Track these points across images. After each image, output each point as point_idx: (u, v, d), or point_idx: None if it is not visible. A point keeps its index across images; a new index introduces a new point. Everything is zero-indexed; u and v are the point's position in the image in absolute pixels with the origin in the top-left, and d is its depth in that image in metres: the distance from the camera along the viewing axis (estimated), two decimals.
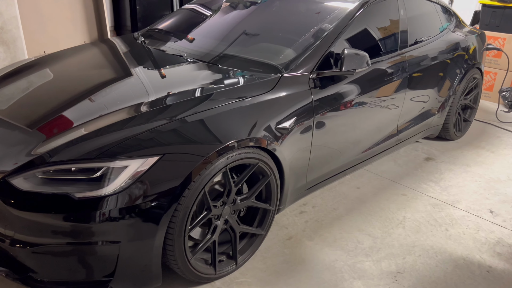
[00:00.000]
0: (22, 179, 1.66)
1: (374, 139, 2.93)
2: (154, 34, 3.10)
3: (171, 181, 1.72)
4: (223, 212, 2.01)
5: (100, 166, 1.65)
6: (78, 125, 1.85)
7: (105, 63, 2.77)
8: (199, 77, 2.36)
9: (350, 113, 2.60)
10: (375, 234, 2.50)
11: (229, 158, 1.89)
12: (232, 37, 2.82)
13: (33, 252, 1.70)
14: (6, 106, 2.18)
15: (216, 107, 1.97)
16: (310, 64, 2.38)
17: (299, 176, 2.36)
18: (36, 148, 1.76)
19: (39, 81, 2.43)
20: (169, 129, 1.82)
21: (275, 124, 2.11)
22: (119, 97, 2.10)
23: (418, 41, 3.25)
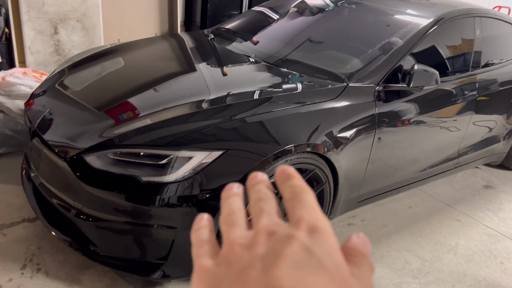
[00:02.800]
0: (95, 157, 1.78)
1: (432, 159, 2.85)
2: (222, 33, 3.19)
3: (231, 176, 1.78)
4: None
5: (167, 154, 1.74)
6: (145, 114, 1.95)
7: (173, 56, 2.89)
8: (260, 79, 2.40)
9: (411, 130, 2.54)
10: (424, 257, 2.43)
11: (287, 161, 1.92)
12: (298, 42, 2.85)
13: (96, 227, 1.81)
14: (80, 88, 2.35)
15: (277, 110, 2.00)
16: (377, 76, 2.35)
17: (353, 187, 2.34)
18: (107, 131, 1.87)
19: (111, 68, 2.58)
20: (231, 127, 1.88)
21: (336, 132, 2.11)
22: (182, 91, 2.19)
23: (491, 63, 3.12)
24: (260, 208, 0.35)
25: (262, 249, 0.31)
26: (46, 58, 3.65)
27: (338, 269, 0.30)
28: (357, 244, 0.34)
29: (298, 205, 0.34)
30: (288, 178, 0.37)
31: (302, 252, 0.30)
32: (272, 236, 0.32)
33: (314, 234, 0.32)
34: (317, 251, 0.31)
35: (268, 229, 0.33)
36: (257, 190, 0.37)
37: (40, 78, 3.14)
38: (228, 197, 0.37)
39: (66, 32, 3.68)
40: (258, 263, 0.30)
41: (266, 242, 0.32)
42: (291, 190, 0.36)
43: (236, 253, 0.32)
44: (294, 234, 0.31)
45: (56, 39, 3.65)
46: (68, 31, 3.68)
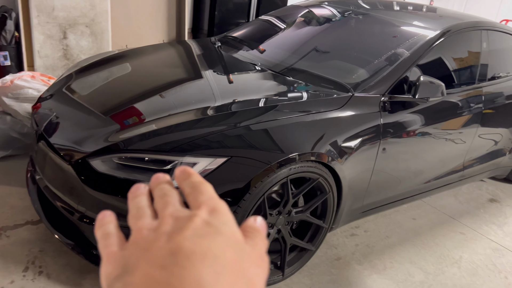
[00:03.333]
0: (100, 161, 1.79)
1: (437, 171, 2.83)
2: (229, 41, 3.21)
3: (235, 184, 1.78)
4: (277, 221, 2.03)
5: (172, 159, 1.74)
6: (150, 120, 1.96)
7: (179, 63, 2.91)
8: (265, 87, 2.41)
9: (416, 142, 2.53)
10: (427, 269, 2.41)
11: (291, 169, 1.91)
12: (304, 51, 2.86)
13: None
14: (87, 93, 2.37)
15: (282, 119, 2.00)
16: (383, 87, 2.36)
17: (357, 197, 2.34)
18: (113, 135, 1.88)
19: (118, 73, 2.60)
20: (235, 134, 1.89)
21: (341, 142, 2.11)
22: (188, 97, 2.20)
23: (497, 76, 3.12)
24: (164, 201, 0.38)
25: (167, 228, 0.34)
26: (55, 62, 3.68)
27: (234, 234, 0.35)
28: (252, 222, 0.39)
29: (198, 195, 0.38)
30: (187, 176, 0.40)
31: (203, 225, 0.34)
32: (177, 219, 0.35)
33: (213, 213, 0.36)
34: (215, 222, 0.35)
35: (173, 214, 0.36)
36: (160, 188, 0.40)
37: (48, 82, 3.17)
38: (135, 196, 0.40)
39: (75, 37, 3.72)
40: (163, 237, 0.34)
41: (172, 223, 0.35)
42: (191, 185, 0.39)
43: (143, 235, 0.35)
44: (196, 213, 0.35)
45: (64, 44, 3.69)
46: (77, 36, 3.72)
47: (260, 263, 0.36)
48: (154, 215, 0.38)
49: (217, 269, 0.32)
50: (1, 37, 3.17)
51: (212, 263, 0.32)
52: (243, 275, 0.33)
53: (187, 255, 0.32)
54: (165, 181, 0.41)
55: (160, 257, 0.32)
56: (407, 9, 3.32)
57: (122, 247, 0.36)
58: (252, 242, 0.37)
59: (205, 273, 0.31)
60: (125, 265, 0.33)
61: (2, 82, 3.03)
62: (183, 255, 0.32)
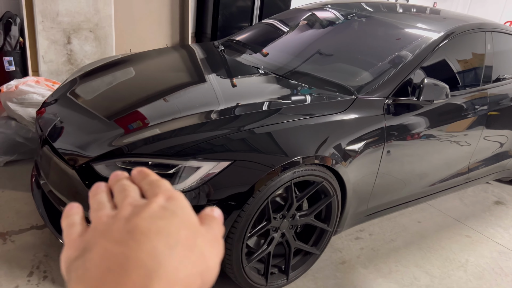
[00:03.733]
0: (104, 165, 1.79)
1: (442, 174, 2.81)
2: (232, 45, 3.22)
3: (238, 187, 1.77)
4: (282, 225, 2.02)
5: (175, 163, 1.74)
6: (154, 124, 1.96)
7: (183, 67, 2.92)
8: (269, 90, 2.41)
9: (420, 145, 2.52)
10: (433, 273, 2.39)
11: (295, 172, 1.91)
12: (307, 54, 2.86)
13: None
14: (91, 97, 2.37)
15: (285, 122, 2.00)
16: (387, 89, 2.35)
17: (361, 201, 2.32)
18: (116, 140, 1.89)
19: (122, 78, 2.61)
20: (239, 137, 1.88)
21: (345, 145, 2.10)
22: (192, 101, 2.21)
23: (502, 78, 3.10)
24: (124, 195, 0.39)
25: (126, 213, 0.36)
26: (59, 67, 3.70)
27: (189, 218, 0.37)
28: (209, 211, 0.41)
29: (155, 188, 0.40)
30: (145, 176, 0.42)
31: (159, 209, 0.37)
32: (135, 206, 0.37)
33: (170, 200, 0.38)
34: (172, 207, 0.37)
35: (131, 203, 0.38)
36: (119, 184, 0.41)
37: (52, 87, 3.19)
38: (95, 194, 0.41)
39: (79, 42, 3.74)
40: (122, 220, 0.36)
41: (130, 210, 0.37)
42: (148, 183, 0.41)
43: (102, 220, 0.37)
44: (153, 200, 0.38)
45: (69, 49, 3.71)
46: (81, 41, 3.74)
47: (215, 244, 0.38)
48: (114, 207, 0.39)
49: (170, 242, 0.34)
50: (6, 43, 3.19)
51: (166, 237, 0.34)
52: (196, 249, 0.36)
53: (142, 231, 0.34)
54: (124, 177, 0.42)
55: (117, 235, 0.34)
56: (411, 11, 3.31)
57: (82, 234, 0.37)
58: (208, 226, 0.39)
59: (159, 245, 0.34)
60: (84, 247, 0.35)
61: (7, 88, 3.05)
62: (139, 231, 0.34)
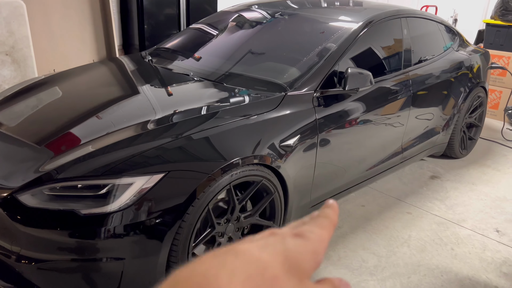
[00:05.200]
0: (29, 195, 1.69)
1: (378, 156, 2.94)
2: (161, 53, 3.16)
3: (176, 198, 1.74)
4: (227, 229, 2.02)
5: (106, 183, 1.68)
6: (86, 142, 1.88)
7: (113, 81, 2.83)
8: (205, 95, 2.40)
9: (355, 131, 2.61)
10: (380, 253, 2.49)
11: (233, 175, 1.91)
12: (238, 56, 2.87)
13: (39, 268, 1.71)
14: (16, 123, 2.23)
15: (222, 125, 2.00)
16: (314, 83, 2.41)
17: (304, 193, 2.37)
18: (44, 164, 1.79)
19: (48, 99, 2.48)
20: (174, 146, 1.85)
21: (279, 141, 2.13)
22: (126, 114, 2.14)
23: (422, 60, 3.28)
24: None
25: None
26: None
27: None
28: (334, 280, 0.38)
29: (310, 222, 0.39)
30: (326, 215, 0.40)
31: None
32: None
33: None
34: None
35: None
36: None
37: None
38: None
39: None
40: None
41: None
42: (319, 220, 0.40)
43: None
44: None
45: None
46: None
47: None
48: None
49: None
50: None
51: None
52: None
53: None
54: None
55: None
56: (334, 5, 3.42)
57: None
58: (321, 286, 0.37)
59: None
60: None
61: None
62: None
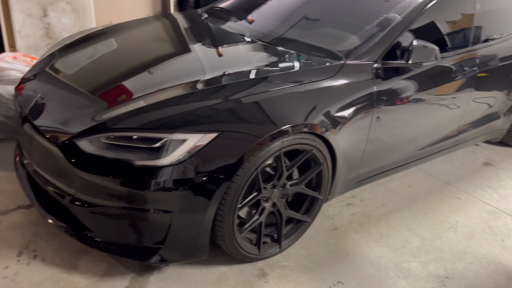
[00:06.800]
0: (87, 141, 1.74)
1: (432, 137, 2.81)
2: (216, 12, 3.11)
3: (227, 159, 1.74)
4: (272, 195, 2.01)
5: (161, 137, 1.69)
6: (138, 96, 1.90)
7: (166, 37, 2.82)
8: (256, 58, 2.34)
9: (410, 109, 2.49)
10: (424, 235, 2.42)
11: (284, 142, 1.87)
12: (294, 20, 2.78)
13: (91, 212, 1.78)
14: (72, 72, 2.29)
15: (273, 90, 1.95)
16: (375, 53, 2.29)
17: (352, 167, 2.31)
18: (99, 114, 1.83)
19: (103, 50, 2.51)
20: (226, 108, 1.83)
21: (334, 111, 2.06)
22: (177, 72, 2.14)
23: (491, 38, 3.05)
24: None
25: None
26: (37, 42, 3.56)
27: None
28: None
29: None
30: None
31: None
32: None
33: None
34: None
35: None
36: None
37: (30, 63, 3.07)
38: None
39: (56, 14, 3.58)
40: None
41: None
42: None
43: None
44: None
45: (46, 22, 3.56)
46: (58, 13, 3.58)
47: None
48: None
49: None
50: None
51: None
52: None
53: None
54: None
55: None
56: None
57: None
58: None
59: None
60: None
61: None
62: None
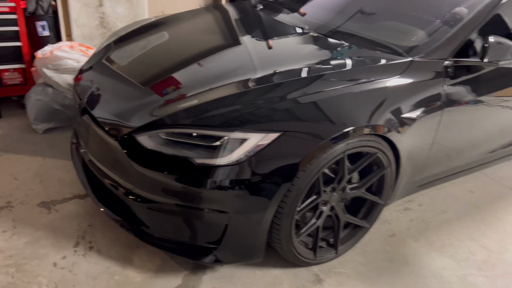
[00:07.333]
0: (147, 137, 1.71)
1: (500, 141, 2.61)
2: (268, 3, 3.01)
3: (288, 160, 1.66)
4: (331, 198, 1.91)
5: (221, 135, 1.64)
6: (193, 95, 1.84)
7: (216, 29, 2.76)
8: (311, 54, 2.22)
9: (480, 110, 2.31)
10: (490, 247, 2.25)
11: (349, 144, 1.77)
12: (352, 12, 2.64)
13: (148, 208, 1.76)
14: (126, 63, 2.28)
15: (334, 89, 1.83)
16: (446, 50, 2.13)
17: (415, 171, 2.17)
18: (157, 109, 1.79)
19: (155, 42, 2.50)
20: (285, 107, 1.75)
21: (400, 112, 1.93)
22: (227, 65, 2.07)
23: None
24: None
25: None
26: (91, 31, 3.61)
27: None
28: None
29: None
30: None
31: None
32: None
33: None
34: None
35: None
36: None
37: (86, 52, 3.11)
38: None
39: (110, 4, 3.61)
40: None
41: None
42: None
43: None
44: None
45: (101, 12, 3.60)
46: (112, 3, 3.61)
47: None
48: None
49: None
50: (38, 6, 3.10)
51: None
52: None
53: None
54: None
55: None
56: None
57: None
58: None
59: None
60: None
61: (42, 54, 2.98)
62: None
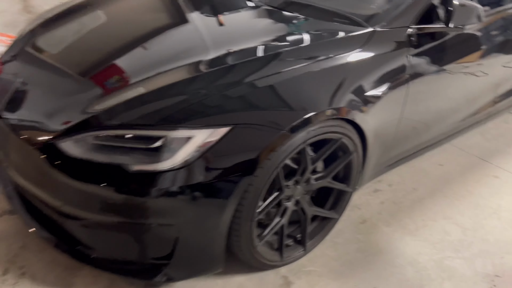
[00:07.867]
0: (72, 142, 1.43)
1: (468, 110, 2.49)
2: None
3: (241, 158, 1.43)
4: (295, 192, 1.72)
5: (161, 134, 1.38)
6: (136, 81, 1.58)
7: (160, 6, 2.45)
8: (266, 30, 1.98)
9: (446, 79, 2.15)
10: (464, 224, 2.14)
11: (309, 132, 1.56)
12: None
13: (83, 226, 1.50)
14: (57, 51, 1.96)
15: (291, 69, 1.60)
16: (409, 16, 1.93)
17: (383, 151, 2.01)
18: (92, 105, 1.51)
19: (91, 24, 2.18)
20: (238, 95, 1.51)
21: (364, 90, 1.73)
22: (175, 47, 1.80)
23: None
24: None
25: None
26: (14, 18, 3.19)
27: None
28: None
29: None
30: None
31: None
32: None
33: None
34: None
35: None
36: None
37: (9, 42, 2.72)
38: None
39: None
40: None
41: None
42: None
43: None
44: None
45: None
46: None
47: None
48: None
49: None
50: None
51: None
52: None
53: None
54: None
55: None
56: None
57: None
58: None
59: None
60: None
61: None
62: None
